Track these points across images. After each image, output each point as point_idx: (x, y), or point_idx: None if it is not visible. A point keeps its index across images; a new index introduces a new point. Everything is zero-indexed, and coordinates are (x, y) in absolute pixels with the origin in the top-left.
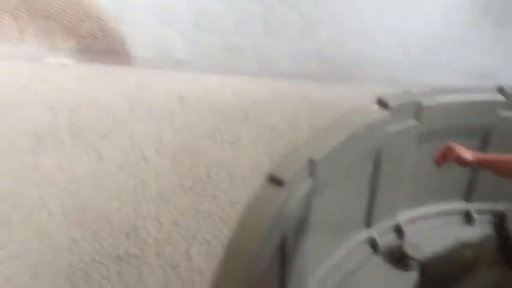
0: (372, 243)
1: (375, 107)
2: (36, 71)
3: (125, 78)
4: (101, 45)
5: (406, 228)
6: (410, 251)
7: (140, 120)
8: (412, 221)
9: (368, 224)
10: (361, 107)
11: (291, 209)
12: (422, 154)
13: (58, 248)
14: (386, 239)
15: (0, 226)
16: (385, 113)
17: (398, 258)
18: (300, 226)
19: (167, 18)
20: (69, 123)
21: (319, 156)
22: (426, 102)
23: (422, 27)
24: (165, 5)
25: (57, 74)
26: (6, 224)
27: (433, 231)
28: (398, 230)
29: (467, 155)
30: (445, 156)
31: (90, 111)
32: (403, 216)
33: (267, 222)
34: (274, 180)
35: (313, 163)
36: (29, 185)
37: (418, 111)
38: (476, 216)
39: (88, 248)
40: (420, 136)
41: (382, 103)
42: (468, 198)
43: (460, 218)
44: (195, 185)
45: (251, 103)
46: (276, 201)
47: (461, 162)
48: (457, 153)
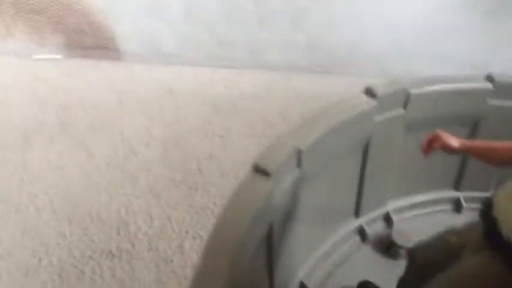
0: (361, 232)
1: (362, 97)
2: (24, 67)
3: (114, 73)
4: (89, 40)
5: (395, 217)
6: (399, 240)
7: (130, 115)
8: (401, 210)
9: (357, 213)
10: (349, 96)
11: (277, 199)
12: (411, 143)
13: (48, 244)
14: (375, 228)
15: None
16: (372, 103)
17: (388, 247)
18: (287, 216)
19: (156, 12)
20: (58, 119)
21: (305, 146)
22: (414, 91)
23: (413, 18)
24: None
25: (45, 69)
26: None
27: (422, 220)
28: (387, 219)
29: (454, 142)
30: (431, 144)
31: (79, 106)
32: (392, 206)
33: (251, 213)
34: (259, 170)
35: (299, 153)
36: (16, 182)
37: (406, 100)
38: (465, 205)
39: (78, 244)
40: (408, 125)
41: (369, 92)
42: (457, 186)
43: (450, 206)
44: (186, 179)
45: (241, 96)
46: (261, 191)
47: (448, 149)
48: (443, 140)
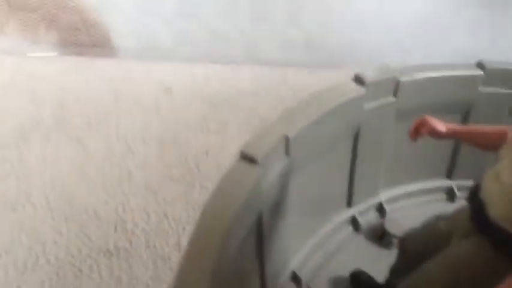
0: (354, 222)
1: (351, 84)
2: (19, 64)
3: (109, 70)
4: (84, 37)
5: (388, 207)
6: (392, 229)
7: (126, 112)
8: (394, 199)
9: (349, 203)
10: (338, 84)
11: (265, 188)
12: (402, 131)
13: (45, 242)
14: (368, 218)
15: None
16: (362, 90)
17: (380, 236)
18: (277, 205)
19: (151, 8)
20: (53, 117)
21: (293, 133)
22: (404, 78)
23: (409, 12)
24: None
25: (40, 67)
26: None
27: (415, 209)
28: (380, 208)
29: (441, 127)
30: (418, 130)
31: (75, 104)
32: (384, 195)
33: (238, 201)
34: (246, 158)
35: (287, 140)
36: (13, 180)
37: (396, 88)
38: (458, 193)
39: (76, 242)
40: (399, 113)
41: (359, 80)
42: (450, 175)
43: (442, 195)
44: (183, 175)
45: (237, 91)
46: (248, 179)
47: (436, 134)
48: (430, 125)
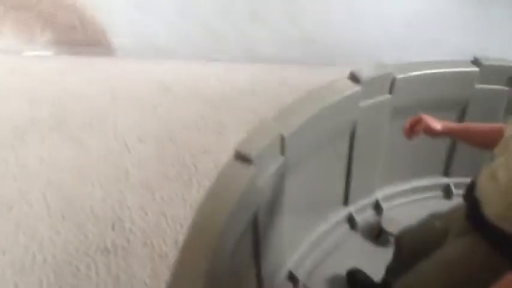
0: (350, 220)
1: (347, 82)
2: (15, 64)
3: (106, 68)
4: (80, 36)
5: (385, 205)
6: (388, 227)
7: (123, 111)
8: (391, 197)
9: (346, 201)
10: (333, 82)
11: (260, 187)
12: (398, 129)
13: (42, 241)
14: (365, 216)
15: None
16: (357, 88)
17: (377, 234)
18: (273, 205)
19: (148, 6)
20: (50, 116)
21: (288, 132)
22: (400, 75)
23: (405, 8)
24: None
25: (37, 66)
26: None
27: (411, 206)
28: (377, 206)
29: (436, 125)
30: (414, 128)
31: (72, 103)
32: (381, 193)
33: (232, 201)
34: (241, 157)
35: (282, 139)
36: (9, 179)
37: (392, 85)
38: (455, 190)
39: (73, 240)
40: (395, 110)
41: (354, 77)
42: (447, 172)
43: (439, 192)
44: (180, 173)
45: (235, 90)
46: (242, 178)
47: (431, 132)
48: (425, 123)
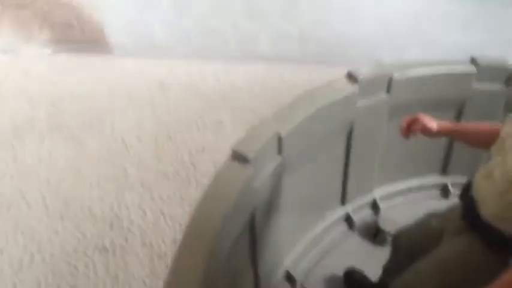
0: (348, 220)
1: (344, 82)
2: (13, 63)
3: (104, 67)
4: (78, 34)
5: (382, 204)
6: (386, 227)
7: (121, 109)
8: (388, 196)
9: (343, 201)
10: (330, 81)
11: (257, 187)
12: (396, 128)
13: (40, 241)
14: (362, 216)
15: None
16: (354, 87)
17: (375, 234)
18: (270, 204)
19: (146, 5)
20: (48, 115)
21: (286, 132)
22: (397, 75)
23: (403, 5)
24: None
25: (35, 65)
26: None
27: (409, 205)
28: (374, 206)
29: (433, 125)
30: (410, 128)
31: (69, 101)
32: (378, 192)
33: (229, 201)
34: (238, 157)
35: (280, 139)
36: (8, 179)
37: (389, 85)
38: (452, 189)
39: (71, 239)
40: (392, 109)
41: (351, 77)
42: (444, 171)
43: (437, 191)
44: (178, 172)
45: (232, 87)
46: (239, 178)
47: (428, 133)
48: (422, 123)
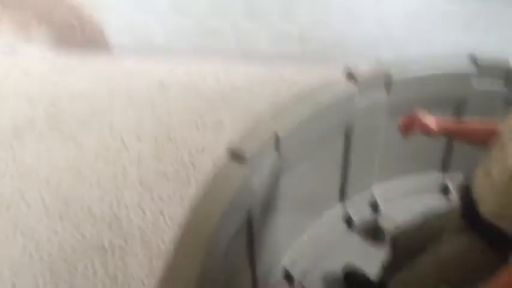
0: (347, 218)
1: (343, 81)
2: (13, 63)
3: (104, 67)
4: (78, 34)
5: (381, 202)
6: (385, 225)
7: (120, 109)
8: (387, 194)
9: (342, 199)
10: (329, 81)
11: (254, 186)
12: (395, 127)
13: (39, 240)
14: (361, 214)
15: None
16: (353, 87)
17: (374, 232)
18: (268, 203)
19: (145, 4)
20: (47, 115)
21: (284, 132)
22: (396, 73)
23: (404, 5)
24: None
25: (34, 65)
26: None
27: (408, 204)
28: (373, 204)
29: (432, 122)
30: (409, 127)
31: (69, 101)
32: (378, 191)
33: (226, 200)
34: (235, 157)
35: (277, 138)
36: (7, 178)
37: (388, 84)
38: (452, 187)
39: (70, 239)
40: (391, 109)
41: (350, 76)
42: (444, 169)
43: (437, 189)
44: (178, 172)
45: (232, 87)
46: (236, 178)
47: (426, 131)
48: (421, 122)
